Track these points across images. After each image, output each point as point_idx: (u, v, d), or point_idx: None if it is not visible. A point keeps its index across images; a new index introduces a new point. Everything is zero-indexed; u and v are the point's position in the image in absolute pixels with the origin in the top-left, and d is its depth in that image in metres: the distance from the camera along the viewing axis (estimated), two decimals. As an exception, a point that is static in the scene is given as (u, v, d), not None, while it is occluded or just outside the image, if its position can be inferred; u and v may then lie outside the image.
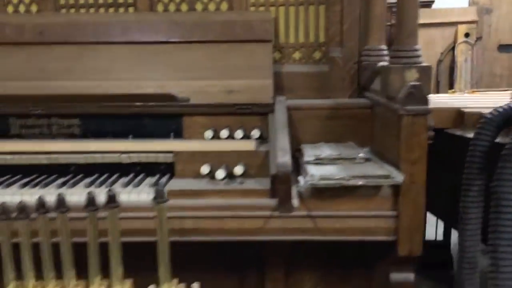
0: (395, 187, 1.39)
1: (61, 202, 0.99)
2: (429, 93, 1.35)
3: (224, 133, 1.63)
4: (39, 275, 1.05)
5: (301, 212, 1.41)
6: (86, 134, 1.73)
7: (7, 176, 1.62)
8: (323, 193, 1.40)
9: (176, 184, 1.49)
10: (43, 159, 1.60)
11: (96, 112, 1.70)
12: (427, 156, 1.37)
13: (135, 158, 1.60)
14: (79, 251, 1.10)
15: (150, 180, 1.57)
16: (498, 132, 1.51)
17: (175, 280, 1.03)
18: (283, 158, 1.41)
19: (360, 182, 1.33)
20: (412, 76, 1.36)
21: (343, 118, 1.71)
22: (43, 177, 1.61)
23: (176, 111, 1.70)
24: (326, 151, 1.53)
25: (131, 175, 1.61)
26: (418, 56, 1.39)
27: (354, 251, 1.61)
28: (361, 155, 1.48)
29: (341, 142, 1.71)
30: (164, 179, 1.56)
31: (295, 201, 1.34)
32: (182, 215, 1.38)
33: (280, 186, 1.39)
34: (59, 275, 1.07)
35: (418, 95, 1.32)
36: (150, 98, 1.67)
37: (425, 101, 1.32)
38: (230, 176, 1.52)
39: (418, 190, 1.38)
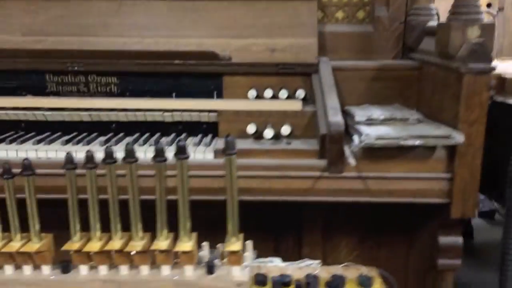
0: (451, 148, 1.36)
1: (110, 155, 0.95)
2: (492, 51, 1.30)
3: (268, 92, 1.58)
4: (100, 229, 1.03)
5: (352, 173, 1.38)
6: (124, 92, 1.68)
7: (46, 134, 1.58)
8: (376, 153, 1.36)
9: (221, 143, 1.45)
10: (84, 116, 1.56)
11: (135, 70, 1.65)
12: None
13: (177, 117, 1.56)
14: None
15: (194, 139, 1.53)
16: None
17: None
18: (335, 117, 1.37)
19: (418, 142, 1.29)
20: (474, 33, 1.30)
21: (389, 80, 1.66)
22: (83, 135, 1.57)
23: (216, 70, 1.64)
24: (375, 112, 1.48)
25: (172, 135, 1.57)
26: (480, 13, 1.34)
27: (393, 216, 1.59)
28: (414, 116, 1.44)
29: (385, 104, 1.66)
30: (207, 139, 1.52)
31: (352, 160, 1.30)
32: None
33: (332, 145, 1.36)
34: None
35: (482, 52, 1.26)
36: (191, 55, 1.62)
37: (488, 59, 1.27)
38: (276, 136, 1.49)
39: (475, 152, 1.34)
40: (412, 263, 1.64)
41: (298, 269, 1.10)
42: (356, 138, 1.32)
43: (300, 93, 1.58)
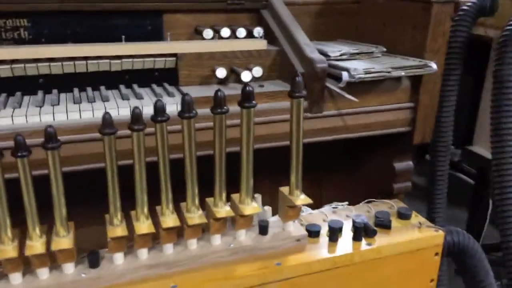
0: (414, 78, 1.42)
1: (161, 111, 0.75)
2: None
3: (225, 31, 1.43)
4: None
5: (332, 111, 1.36)
6: (38, 39, 1.34)
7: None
8: (353, 89, 1.35)
9: (193, 91, 1.27)
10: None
11: (51, 9, 1.31)
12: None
13: (127, 65, 1.31)
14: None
15: (150, 90, 1.31)
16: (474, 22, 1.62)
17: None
18: (315, 54, 1.31)
19: (403, 73, 1.31)
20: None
21: (332, 15, 1.65)
22: (2, 95, 1.22)
23: (155, 6, 1.41)
24: (340, 47, 1.46)
25: (122, 87, 1.32)
26: None
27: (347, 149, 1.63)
28: (375, 49, 1.46)
29: (328, 40, 1.65)
30: (171, 88, 1.32)
31: (351, 97, 1.27)
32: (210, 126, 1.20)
33: (315, 84, 1.30)
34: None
35: (447, -17, 1.32)
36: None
37: (453, -11, 1.34)
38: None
39: (436, 79, 1.43)
40: (372, 189, 1.72)
41: (333, 213, 1.05)
42: (345, 74, 1.28)
43: (258, 31, 1.46)
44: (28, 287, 0.76)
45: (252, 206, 0.86)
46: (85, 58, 1.27)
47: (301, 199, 0.89)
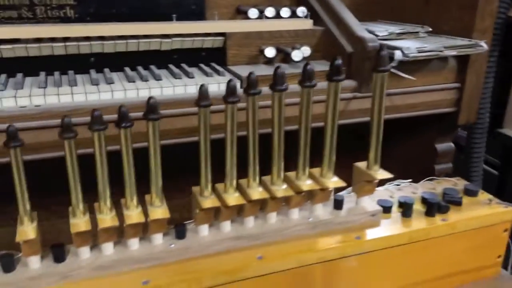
0: (461, 58, 1.42)
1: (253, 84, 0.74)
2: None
3: (270, 11, 1.41)
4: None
5: (381, 91, 1.35)
6: (84, 17, 1.33)
7: None
8: (402, 69, 1.35)
9: (242, 70, 1.26)
10: (56, 49, 1.18)
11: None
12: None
13: (177, 44, 1.30)
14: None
15: (200, 69, 1.30)
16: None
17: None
18: (365, 33, 1.30)
19: (455, 53, 1.31)
20: None
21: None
22: (55, 73, 1.20)
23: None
24: (386, 27, 1.45)
25: (171, 66, 1.31)
26: None
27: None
28: (420, 29, 1.45)
29: (369, 21, 1.64)
30: (218, 68, 1.30)
31: (405, 75, 1.26)
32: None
33: (366, 63, 1.29)
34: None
35: (499, -40, 1.31)
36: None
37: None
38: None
39: (482, 59, 1.43)
40: (411, 169, 1.71)
41: (398, 190, 1.05)
42: (398, 53, 1.28)
43: (303, 10, 1.45)
44: (120, 256, 0.76)
45: (334, 180, 0.85)
46: (136, 37, 1.26)
47: (381, 173, 0.89)
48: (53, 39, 1.20)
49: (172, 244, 0.79)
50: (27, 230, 0.71)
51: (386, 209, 0.95)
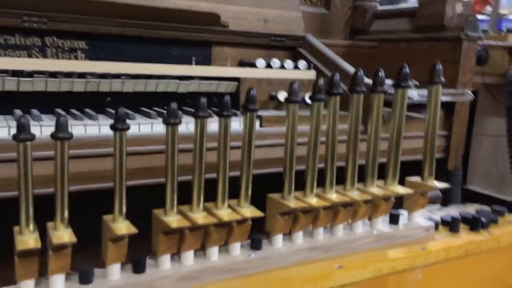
0: (447, 108, 1.55)
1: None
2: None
3: (275, 62, 1.48)
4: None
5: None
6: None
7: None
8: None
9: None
10: (76, 84, 1.15)
11: (110, 33, 1.31)
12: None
13: (194, 87, 1.31)
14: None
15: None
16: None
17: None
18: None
19: (449, 98, 1.43)
20: (460, 8, 1.53)
21: (356, 56, 1.77)
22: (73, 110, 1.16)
23: (207, 38, 1.45)
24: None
25: (187, 109, 1.30)
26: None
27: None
28: (410, 82, 1.58)
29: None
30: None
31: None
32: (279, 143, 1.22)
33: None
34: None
35: (474, 22, 1.50)
36: (185, 16, 1.38)
37: (477, 28, 1.52)
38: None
39: (465, 109, 1.57)
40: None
41: (433, 214, 1.08)
42: (402, 97, 1.37)
43: (304, 64, 1.53)
44: (201, 266, 0.70)
45: (398, 189, 0.87)
46: (151, 77, 1.25)
47: (436, 184, 0.92)
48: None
49: (252, 254, 0.74)
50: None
51: (435, 226, 0.97)
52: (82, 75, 1.17)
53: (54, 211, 0.63)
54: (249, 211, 0.73)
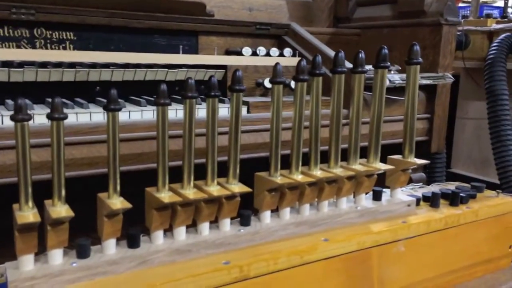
0: (429, 91, 1.59)
1: None
2: (453, 8, 1.60)
3: (261, 50, 1.52)
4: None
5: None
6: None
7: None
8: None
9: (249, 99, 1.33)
10: (65, 74, 1.17)
11: (98, 23, 1.33)
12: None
13: (181, 75, 1.33)
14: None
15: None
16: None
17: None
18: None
19: (429, 81, 1.47)
20: (439, -6, 1.57)
21: (340, 44, 1.81)
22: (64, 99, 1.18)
23: (193, 27, 1.48)
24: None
25: (174, 96, 1.33)
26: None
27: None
28: (393, 67, 1.62)
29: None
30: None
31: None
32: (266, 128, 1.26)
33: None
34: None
35: (453, 7, 1.55)
36: (173, 5, 1.40)
37: (457, 13, 1.56)
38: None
39: (446, 92, 1.62)
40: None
41: (415, 191, 1.13)
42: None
43: (289, 51, 1.57)
44: (193, 241, 0.73)
45: (379, 165, 0.91)
46: (139, 66, 1.28)
47: (416, 160, 0.96)
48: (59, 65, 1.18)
49: (241, 229, 0.78)
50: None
51: (416, 202, 1.01)
52: (71, 65, 1.19)
53: (52, 189, 0.66)
54: (237, 187, 0.77)
